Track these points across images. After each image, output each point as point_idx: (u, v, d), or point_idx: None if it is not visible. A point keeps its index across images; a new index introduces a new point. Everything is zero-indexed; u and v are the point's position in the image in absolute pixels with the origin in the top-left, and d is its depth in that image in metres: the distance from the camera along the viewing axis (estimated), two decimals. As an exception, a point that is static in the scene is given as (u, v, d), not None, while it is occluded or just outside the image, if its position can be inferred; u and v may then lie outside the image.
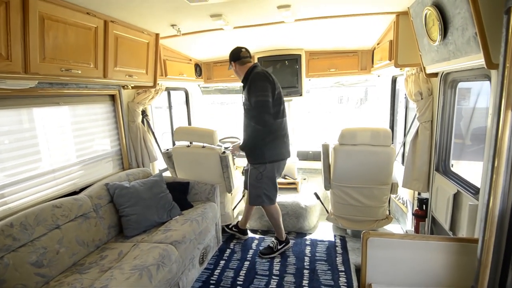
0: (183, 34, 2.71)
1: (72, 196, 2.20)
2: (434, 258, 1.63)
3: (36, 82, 1.81)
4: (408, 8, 2.22)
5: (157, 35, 2.74)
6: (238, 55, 2.60)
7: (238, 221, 3.20)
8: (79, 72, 2.00)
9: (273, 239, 2.89)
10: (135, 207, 2.40)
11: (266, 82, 2.45)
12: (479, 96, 2.59)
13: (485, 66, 1.47)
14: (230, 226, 3.19)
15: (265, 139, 2.53)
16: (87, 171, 2.59)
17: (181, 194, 2.82)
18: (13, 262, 1.63)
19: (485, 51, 1.45)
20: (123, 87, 2.88)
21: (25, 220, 1.78)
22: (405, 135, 3.06)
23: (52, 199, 2.10)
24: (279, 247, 2.81)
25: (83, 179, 2.54)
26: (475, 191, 1.80)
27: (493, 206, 1.33)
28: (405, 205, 3.07)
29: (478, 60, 1.53)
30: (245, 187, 3.02)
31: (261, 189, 2.66)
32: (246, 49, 2.64)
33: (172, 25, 2.54)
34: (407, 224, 2.98)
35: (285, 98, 3.80)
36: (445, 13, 1.69)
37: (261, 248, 2.90)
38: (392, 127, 3.61)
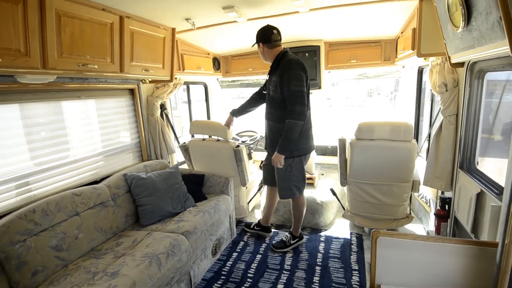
0: (197, 28, 2.72)
1: (91, 185, 2.33)
2: (449, 262, 1.53)
3: (55, 77, 1.92)
4: (432, -8, 2.06)
5: (173, 29, 2.78)
6: (268, 37, 2.37)
7: (260, 219, 3.08)
8: (96, 67, 2.08)
9: (287, 233, 2.85)
10: (151, 197, 2.48)
11: (302, 72, 2.31)
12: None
13: (510, 53, 1.33)
14: (252, 226, 3.09)
15: (298, 133, 2.38)
16: (107, 162, 2.72)
17: (196, 186, 2.88)
18: (34, 245, 1.75)
19: (510, 37, 1.30)
20: (142, 81, 2.97)
21: (46, 206, 1.91)
22: (430, 130, 2.88)
23: (74, 188, 2.23)
24: (292, 241, 2.78)
25: (104, 170, 2.67)
26: (499, 191, 1.66)
27: (514, 207, 1.22)
28: (428, 204, 2.90)
29: (503, 47, 1.39)
30: (265, 183, 2.91)
31: (292, 181, 2.54)
32: (278, 31, 2.41)
33: (187, 19, 2.56)
34: (430, 224, 2.82)
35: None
36: (468, -4, 1.55)
37: (274, 242, 2.89)
38: (417, 121, 3.41)
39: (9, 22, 1.53)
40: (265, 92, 2.62)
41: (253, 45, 2.50)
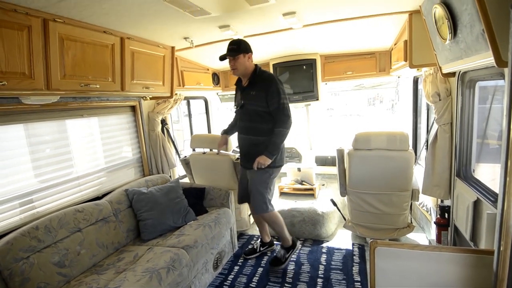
0: (196, 46, 2.82)
1: (93, 201, 2.37)
2: (447, 271, 1.53)
3: (58, 97, 1.99)
4: (420, 6, 2.13)
5: (172, 48, 2.88)
6: (250, 48, 2.40)
7: (260, 239, 2.97)
8: (98, 86, 2.16)
9: (278, 248, 2.75)
10: (152, 211, 2.51)
11: (281, 84, 2.43)
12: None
13: (495, 64, 1.37)
14: (258, 250, 2.92)
15: (283, 141, 2.46)
16: (109, 178, 2.77)
17: (197, 200, 2.91)
18: (37, 262, 1.78)
19: (494, 48, 1.35)
20: (143, 98, 3.05)
21: (49, 223, 1.95)
22: (427, 138, 2.90)
23: (76, 204, 2.27)
24: (287, 255, 2.68)
25: (106, 185, 2.71)
26: (494, 198, 1.67)
27: (508, 214, 1.24)
28: (429, 212, 2.90)
29: (488, 58, 1.43)
30: (241, 201, 2.81)
31: (266, 194, 2.49)
32: None
33: (185, 38, 2.66)
34: (432, 233, 2.80)
35: (303, 103, 3.82)
36: (453, 10, 1.61)
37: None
38: (415, 129, 3.44)
39: (15, 48, 1.62)
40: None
41: (235, 56, 2.33)
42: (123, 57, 2.32)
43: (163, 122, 3.35)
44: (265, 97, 2.35)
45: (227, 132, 2.84)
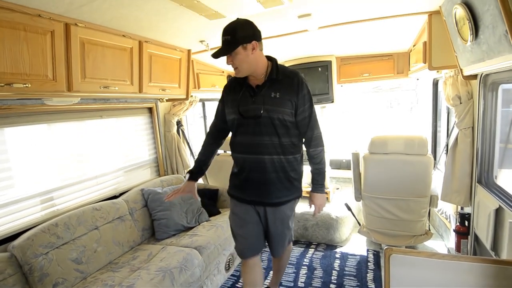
0: (211, 49, 2.84)
1: (111, 200, 2.43)
2: (466, 281, 1.47)
3: (79, 98, 2.07)
4: (440, 7, 2.07)
5: (189, 51, 2.92)
6: (259, 33, 1.63)
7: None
8: (116, 88, 2.22)
9: None
10: (166, 211, 2.56)
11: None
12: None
13: (519, 66, 1.32)
14: None
15: (300, 163, 1.83)
16: (126, 177, 2.83)
17: (210, 201, 2.94)
18: (56, 258, 1.85)
19: (518, 50, 1.30)
20: (160, 100, 3.12)
21: (68, 220, 2.02)
22: (447, 142, 2.81)
23: (94, 203, 2.34)
24: None
25: (122, 185, 2.78)
26: (518, 206, 1.59)
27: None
28: (448, 220, 2.80)
29: (511, 60, 1.38)
30: (251, 252, 1.89)
31: (291, 230, 1.92)
32: None
33: (201, 41, 2.69)
34: (451, 241, 2.70)
35: (318, 106, 3.79)
36: (474, 11, 1.55)
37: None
38: (435, 133, 3.33)
39: (39, 51, 1.69)
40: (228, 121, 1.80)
41: (231, 52, 1.58)
42: (141, 60, 2.38)
43: (179, 123, 3.41)
44: (294, 101, 1.65)
45: (196, 176, 1.94)
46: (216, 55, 1.62)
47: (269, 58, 1.72)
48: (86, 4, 1.67)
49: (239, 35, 1.55)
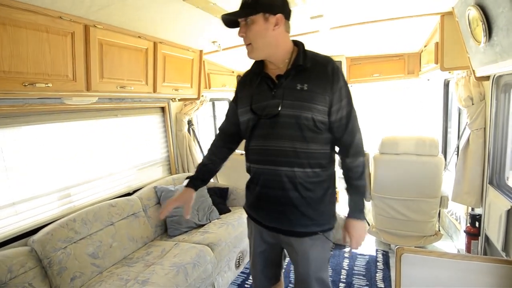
0: (223, 49, 2.89)
1: (125, 197, 2.50)
2: (477, 281, 1.48)
3: (97, 98, 2.13)
4: (453, 8, 2.07)
5: (200, 51, 2.97)
6: (289, 10, 1.27)
7: None
8: (132, 88, 2.28)
9: None
10: (178, 209, 2.57)
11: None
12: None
13: (533, 68, 1.32)
14: None
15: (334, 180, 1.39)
16: (139, 175, 2.90)
17: (220, 199, 2.98)
18: (74, 252, 1.91)
19: (533, 52, 1.30)
20: (172, 100, 3.17)
21: (85, 216, 2.08)
22: (458, 143, 2.80)
23: (109, 199, 2.41)
24: None
25: (136, 182, 2.84)
26: (530, 208, 1.60)
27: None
28: (458, 221, 2.79)
29: (527, 62, 1.38)
30: (265, 284, 1.58)
31: (328, 279, 1.44)
32: None
33: (213, 42, 2.73)
34: (461, 242, 2.70)
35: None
36: (488, 13, 1.56)
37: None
38: (445, 133, 3.33)
39: (60, 52, 1.75)
40: (244, 119, 1.39)
41: (247, 17, 1.21)
42: (155, 61, 2.43)
43: (190, 122, 3.46)
44: (328, 96, 1.23)
45: (200, 179, 1.63)
46: (227, 17, 1.25)
47: (295, 42, 1.33)
48: (105, 7, 1.73)
49: (262, 1, 1.18)
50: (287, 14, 1.25)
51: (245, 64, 3.70)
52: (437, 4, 2.13)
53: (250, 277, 2.63)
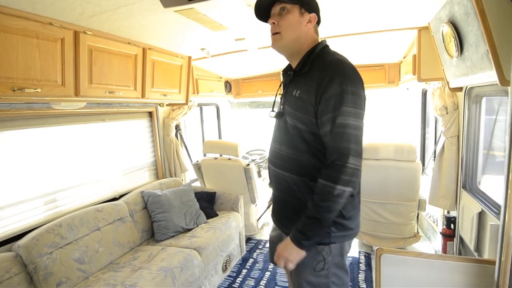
0: (212, 56, 2.94)
1: (112, 202, 2.49)
2: (451, 279, 1.58)
3: (85, 103, 2.13)
4: (429, 23, 2.22)
5: (189, 57, 3.01)
6: (320, 16, 1.28)
7: None
8: (121, 93, 2.30)
9: None
10: (165, 213, 2.62)
11: (361, 89, 1.16)
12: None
13: (498, 83, 1.45)
14: None
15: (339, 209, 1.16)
16: (126, 180, 2.89)
17: (207, 203, 3.01)
18: (60, 257, 1.90)
19: (498, 67, 1.43)
20: (160, 104, 3.19)
21: (71, 221, 2.07)
22: (434, 149, 2.96)
23: (95, 204, 2.40)
24: None
25: (123, 187, 2.83)
26: (498, 210, 1.73)
27: (509, 226, 1.31)
28: (435, 223, 2.94)
29: (492, 76, 1.51)
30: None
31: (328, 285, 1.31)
32: None
33: (202, 49, 2.79)
34: (438, 243, 2.84)
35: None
36: (460, 30, 1.69)
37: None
38: (423, 140, 3.50)
39: (50, 58, 1.76)
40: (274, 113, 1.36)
41: (284, 9, 1.20)
42: (144, 66, 2.46)
43: (177, 127, 3.48)
44: (313, 106, 1.16)
45: None
46: (259, 8, 1.25)
47: (319, 42, 1.28)
48: (97, 14, 1.75)
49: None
50: (319, 17, 1.28)
51: (234, 70, 3.75)
52: (414, 19, 2.27)
53: (237, 281, 2.67)
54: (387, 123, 4.56)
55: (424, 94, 3.33)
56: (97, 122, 2.58)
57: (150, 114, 3.16)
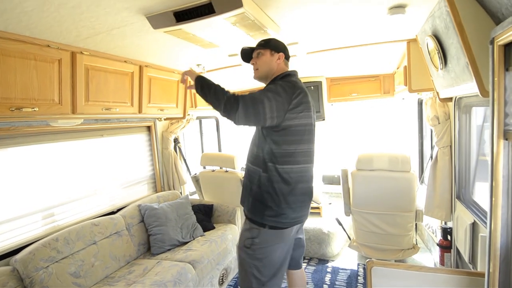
0: (207, 71, 3.02)
1: (109, 216, 2.53)
2: (443, 292, 1.57)
3: (82, 120, 2.21)
4: (416, 35, 2.26)
5: (186, 72, 3.09)
6: (288, 53, 1.79)
7: None
8: (117, 110, 2.37)
9: None
10: (162, 227, 2.65)
11: (285, 89, 1.56)
12: None
13: (479, 94, 1.47)
14: None
15: (275, 181, 1.58)
16: (124, 193, 2.94)
17: (205, 216, 3.03)
18: (56, 272, 1.93)
19: (478, 79, 1.46)
20: (158, 119, 3.27)
21: (68, 235, 2.11)
22: (431, 158, 2.95)
23: (92, 218, 2.44)
24: None
25: (121, 201, 2.88)
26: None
27: (494, 237, 1.30)
28: (434, 234, 2.90)
29: (474, 87, 1.53)
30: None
31: (251, 267, 1.63)
32: None
33: (198, 65, 2.87)
34: (437, 254, 2.80)
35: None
36: (442, 43, 1.72)
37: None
38: (421, 150, 3.49)
39: (47, 78, 1.84)
40: None
41: (259, 53, 1.74)
42: (141, 83, 2.54)
43: (176, 140, 3.54)
44: None
45: None
46: (244, 49, 1.81)
47: (289, 71, 1.75)
48: (92, 36, 1.84)
49: (272, 43, 1.75)
50: (287, 55, 1.78)
51: (231, 84, 3.80)
52: (403, 32, 2.32)
53: (233, 294, 2.66)
54: (384, 133, 4.55)
55: (420, 103, 3.34)
56: (95, 137, 2.65)
57: (149, 128, 3.24)
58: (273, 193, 1.59)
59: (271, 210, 1.59)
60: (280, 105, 1.52)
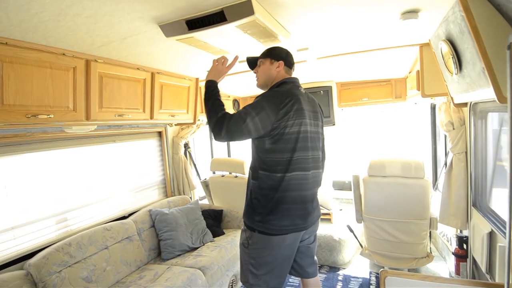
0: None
1: (120, 220, 2.56)
2: (459, 304, 1.52)
3: (96, 126, 2.25)
4: (429, 40, 2.22)
5: (197, 79, 3.13)
6: (291, 60, 1.82)
7: None
8: (130, 116, 2.40)
9: None
10: (172, 232, 2.66)
11: (268, 101, 1.58)
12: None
13: (496, 100, 1.43)
14: None
15: (263, 188, 1.62)
16: (135, 198, 2.97)
17: (214, 221, 3.03)
18: (68, 276, 1.96)
19: (495, 85, 1.41)
20: (169, 124, 3.30)
21: (80, 240, 2.14)
22: (445, 165, 2.88)
23: (104, 223, 2.47)
24: None
25: (132, 205, 2.91)
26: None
27: (514, 248, 1.26)
28: (449, 242, 2.82)
29: (491, 93, 1.49)
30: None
31: (247, 263, 1.71)
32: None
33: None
34: (453, 263, 2.71)
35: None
36: (457, 47, 1.69)
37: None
38: (435, 156, 3.41)
39: (62, 85, 1.88)
40: None
41: (259, 62, 1.82)
42: (152, 90, 2.58)
43: (186, 146, 3.57)
44: None
45: None
46: (249, 58, 1.89)
47: (287, 79, 1.77)
48: (106, 44, 1.88)
49: (273, 52, 1.80)
50: (288, 62, 1.80)
51: (241, 89, 3.81)
52: (416, 36, 2.29)
53: (243, 301, 2.63)
54: (396, 138, 4.48)
55: (433, 108, 3.28)
56: (108, 143, 2.70)
57: (160, 133, 3.27)
58: (262, 200, 1.62)
59: (259, 215, 1.63)
60: (264, 119, 1.54)
